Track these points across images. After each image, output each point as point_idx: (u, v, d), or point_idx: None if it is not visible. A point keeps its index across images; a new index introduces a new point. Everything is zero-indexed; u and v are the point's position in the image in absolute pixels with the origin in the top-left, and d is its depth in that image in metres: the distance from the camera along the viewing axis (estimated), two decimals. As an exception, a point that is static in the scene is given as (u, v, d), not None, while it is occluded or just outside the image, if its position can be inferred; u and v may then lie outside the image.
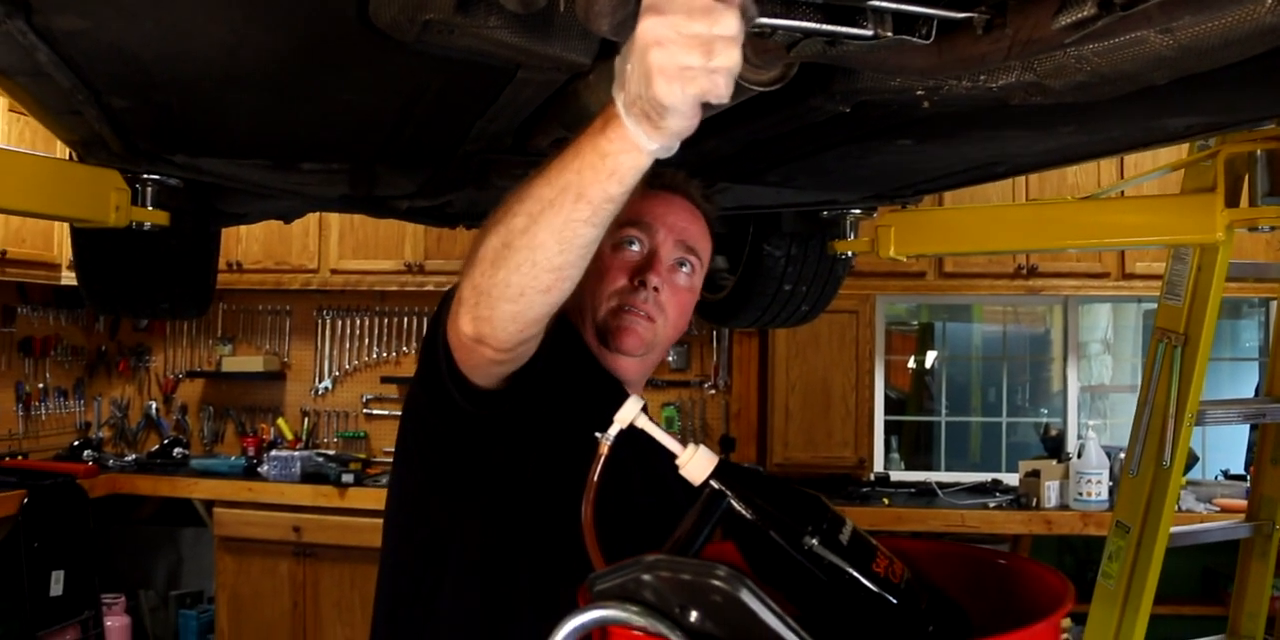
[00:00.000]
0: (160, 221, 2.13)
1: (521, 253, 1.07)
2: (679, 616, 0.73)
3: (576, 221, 1.04)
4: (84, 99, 1.45)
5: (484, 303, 1.14)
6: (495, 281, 1.11)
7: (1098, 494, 4.58)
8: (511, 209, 1.08)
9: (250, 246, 5.24)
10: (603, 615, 0.74)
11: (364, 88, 1.36)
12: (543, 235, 1.05)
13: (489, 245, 1.10)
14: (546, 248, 1.06)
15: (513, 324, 1.16)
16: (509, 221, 1.07)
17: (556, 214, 1.03)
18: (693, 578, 0.71)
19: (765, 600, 0.71)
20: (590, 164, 0.99)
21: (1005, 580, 0.96)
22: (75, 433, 5.71)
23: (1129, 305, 5.60)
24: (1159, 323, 2.53)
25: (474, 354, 1.24)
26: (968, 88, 1.35)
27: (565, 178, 1.01)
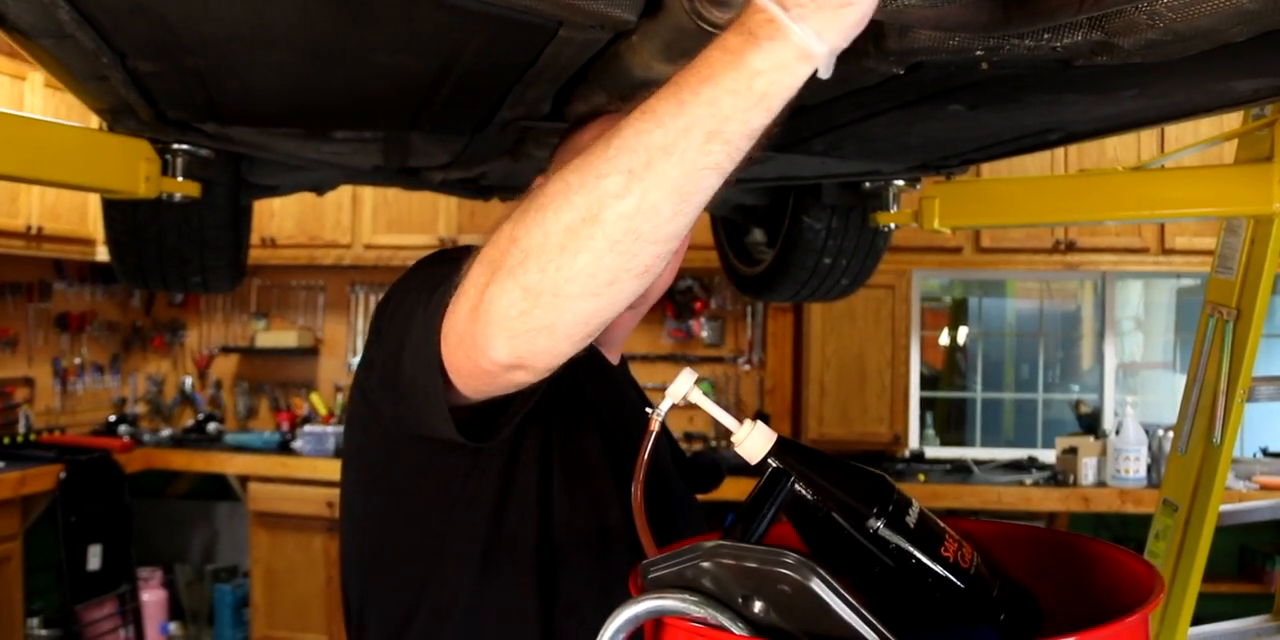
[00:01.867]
0: (191, 193, 2.09)
1: (618, 224, 0.81)
2: (741, 607, 0.68)
3: (705, 170, 0.80)
4: (109, 62, 1.41)
5: (542, 309, 0.86)
6: (571, 272, 0.84)
7: (1136, 471, 4.52)
8: (587, 172, 0.83)
9: (284, 222, 5.23)
10: (659, 605, 0.69)
11: (398, 48, 1.31)
12: (655, 194, 0.80)
13: (546, 228, 0.84)
14: (658, 211, 0.81)
15: (583, 329, 0.89)
16: (588, 188, 0.82)
17: (677, 163, 0.79)
18: (758, 565, 0.66)
19: (838, 590, 0.66)
20: (731, 88, 0.78)
21: (1080, 565, 0.90)
22: (111, 408, 5.74)
23: (1161, 282, 5.50)
24: (1210, 297, 2.45)
25: (495, 382, 0.98)
26: (1030, 47, 1.28)
27: (690, 113, 0.79)
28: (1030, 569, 0.93)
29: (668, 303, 5.34)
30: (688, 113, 0.79)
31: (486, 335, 0.91)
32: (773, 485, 0.79)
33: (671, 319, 5.36)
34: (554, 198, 0.85)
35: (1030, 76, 1.42)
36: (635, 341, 5.33)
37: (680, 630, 0.71)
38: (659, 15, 1.22)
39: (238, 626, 5.25)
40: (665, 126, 0.80)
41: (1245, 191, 2.20)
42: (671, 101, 0.81)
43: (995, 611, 0.87)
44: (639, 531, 0.83)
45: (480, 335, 0.91)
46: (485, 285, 0.90)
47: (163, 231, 2.35)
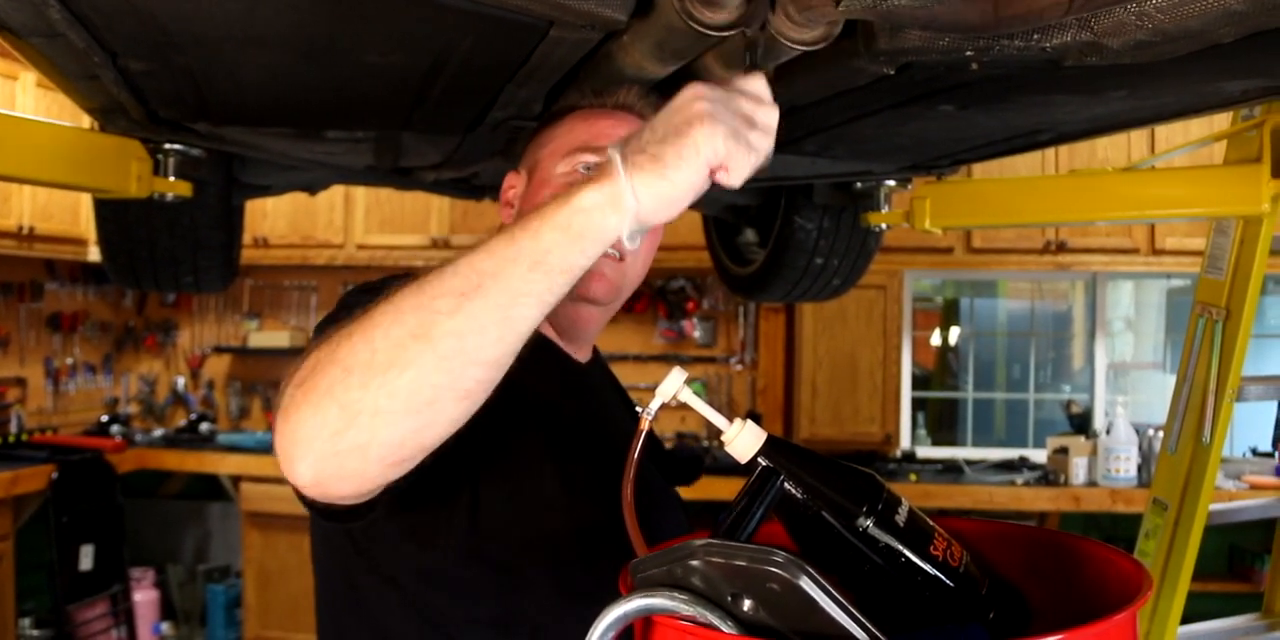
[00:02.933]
0: (183, 192, 2.10)
1: (445, 341, 0.83)
2: (730, 605, 0.68)
3: (526, 297, 0.85)
4: (100, 62, 1.41)
5: (357, 428, 0.84)
6: (394, 388, 0.83)
7: (1126, 471, 4.53)
8: (421, 295, 0.85)
9: (276, 222, 5.23)
10: (648, 603, 0.69)
11: (390, 47, 1.31)
12: (481, 316, 0.84)
13: (374, 346, 0.84)
14: (485, 332, 0.84)
15: (397, 452, 0.87)
16: (421, 307, 0.84)
17: (503, 288, 0.84)
18: (747, 564, 0.67)
19: (827, 588, 0.67)
20: (555, 223, 0.85)
21: (1069, 564, 0.91)
22: (103, 408, 5.73)
23: (1151, 283, 5.52)
24: (1199, 297, 2.46)
25: (320, 498, 0.95)
26: (1019, 48, 1.29)
27: (518, 244, 0.85)
28: (1020, 568, 0.93)
29: (660, 303, 5.34)
30: (516, 243, 0.85)
31: (291, 455, 0.87)
32: (763, 484, 0.80)
33: (664, 319, 5.37)
34: (385, 316, 0.86)
35: (1020, 77, 1.42)
36: (628, 341, 5.34)
37: (669, 629, 0.71)
38: (650, 15, 1.23)
39: (230, 627, 5.25)
40: (495, 255, 0.86)
41: (1234, 192, 2.21)
42: (505, 235, 0.87)
43: (984, 610, 0.88)
44: (630, 531, 0.83)
45: (284, 453, 0.88)
46: (295, 400, 0.87)
47: (154, 231, 2.34)
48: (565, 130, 1.37)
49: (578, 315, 1.36)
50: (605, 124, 1.35)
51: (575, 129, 1.36)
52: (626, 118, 1.37)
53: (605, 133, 1.33)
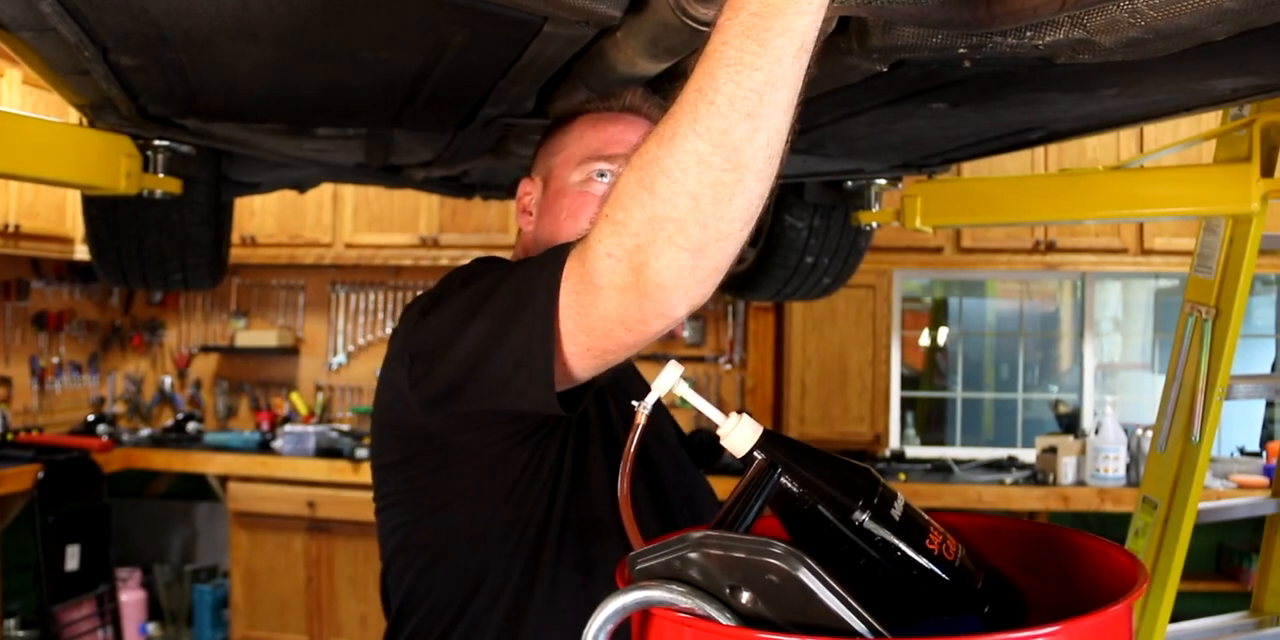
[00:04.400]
0: (172, 189, 2.09)
1: (758, 157, 0.89)
2: (729, 597, 0.68)
3: (800, 81, 0.90)
4: (91, 56, 1.40)
5: (710, 256, 0.94)
6: (732, 215, 0.91)
7: (1115, 470, 4.54)
8: (708, 133, 0.88)
9: (264, 221, 5.21)
10: (646, 595, 0.69)
11: (383, 43, 1.30)
12: (776, 120, 0.89)
13: (691, 190, 0.89)
14: (783, 132, 0.90)
15: (736, 253, 0.98)
16: (719, 142, 0.88)
17: (782, 87, 0.88)
18: (746, 556, 0.66)
19: (826, 580, 0.66)
20: (800, 8, 0.86)
21: (1063, 557, 0.91)
22: (90, 407, 5.70)
23: (1139, 283, 5.54)
24: (1189, 296, 2.47)
25: (640, 342, 1.04)
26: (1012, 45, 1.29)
27: (774, 44, 0.86)
28: (1014, 561, 0.94)
29: (650, 302, 5.33)
30: (772, 45, 0.86)
31: (665, 301, 0.97)
32: (760, 477, 0.80)
33: (653, 318, 5.35)
34: (678, 164, 0.90)
35: (1012, 74, 1.43)
36: (617, 341, 5.32)
37: (667, 621, 0.71)
38: (644, 12, 1.23)
39: (217, 627, 5.23)
40: (760, 67, 0.87)
41: (1224, 191, 2.22)
42: (750, 42, 0.87)
43: (980, 603, 0.88)
44: (625, 524, 0.83)
45: (655, 304, 0.97)
46: (640, 264, 0.94)
47: (143, 229, 2.33)
48: (575, 137, 1.39)
49: None
50: (614, 129, 1.37)
51: (585, 136, 1.38)
52: (635, 121, 1.39)
53: (616, 139, 1.36)
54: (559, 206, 1.36)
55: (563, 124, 1.43)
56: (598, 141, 1.36)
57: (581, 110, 1.41)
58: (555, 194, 1.38)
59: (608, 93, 1.41)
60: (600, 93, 1.45)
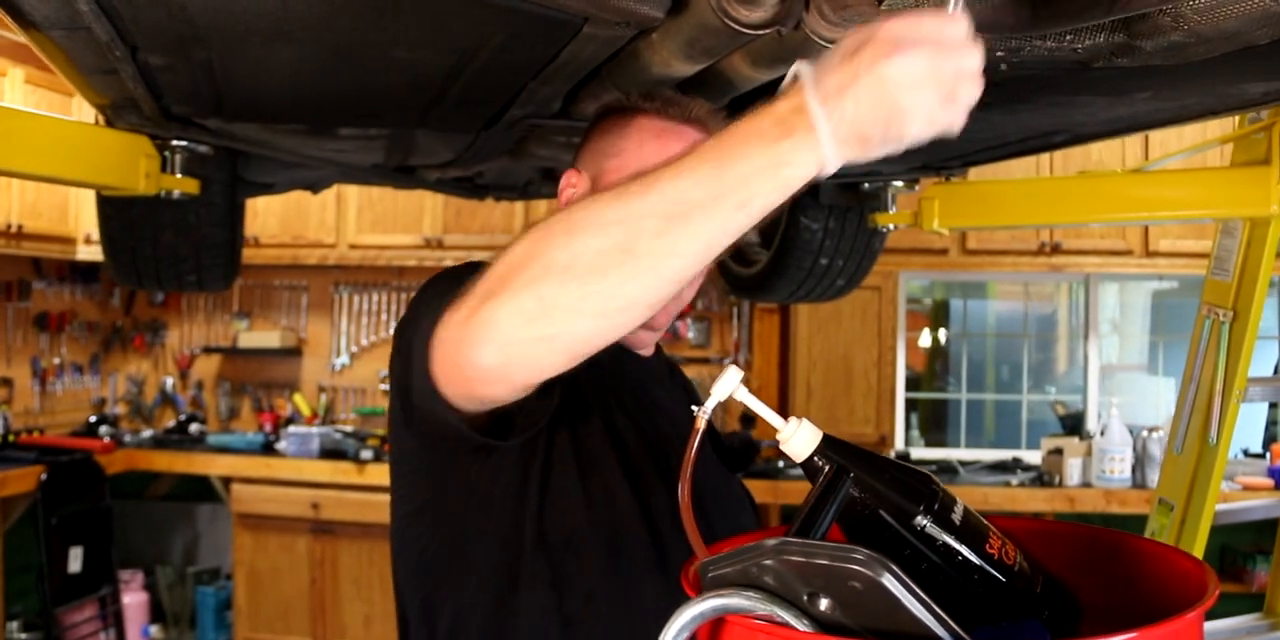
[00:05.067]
0: (190, 190, 2.08)
1: (648, 260, 0.89)
2: (806, 604, 0.68)
3: (731, 232, 0.89)
4: (121, 56, 1.39)
5: (550, 320, 0.92)
6: (591, 292, 0.90)
7: (1121, 472, 4.54)
8: (624, 212, 0.90)
9: (268, 221, 5.19)
10: (724, 603, 0.68)
11: (420, 42, 1.29)
12: (685, 244, 0.89)
13: (575, 250, 0.90)
14: (685, 257, 0.90)
15: (582, 347, 0.95)
16: (628, 224, 0.89)
17: (710, 221, 0.88)
18: (829, 562, 0.66)
19: (910, 586, 0.66)
20: (763, 169, 0.86)
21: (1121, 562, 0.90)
22: (91, 409, 5.68)
23: (1136, 285, 5.55)
24: (1206, 298, 2.47)
25: (472, 393, 1.04)
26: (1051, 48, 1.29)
27: (727, 180, 0.87)
28: (1069, 565, 0.93)
29: (654, 304, 5.33)
30: (724, 179, 0.87)
31: (479, 339, 0.95)
32: (834, 484, 0.79)
33: (658, 320, 5.35)
34: (588, 224, 0.91)
35: (1047, 77, 1.42)
36: (622, 342, 5.31)
37: (742, 628, 0.70)
38: (684, 13, 1.22)
39: (220, 629, 5.21)
40: (702, 185, 0.88)
41: (1243, 194, 2.22)
42: (710, 162, 0.89)
43: (1039, 608, 0.87)
44: (688, 531, 0.82)
45: (471, 339, 0.95)
46: (491, 293, 0.94)
47: (159, 229, 2.32)
48: (635, 144, 1.33)
49: (633, 338, 1.42)
50: (676, 148, 1.28)
51: (646, 147, 1.31)
52: (697, 137, 1.32)
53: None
54: None
55: (620, 121, 1.36)
56: (658, 157, 1.25)
57: (641, 109, 1.34)
58: None
59: (671, 97, 1.35)
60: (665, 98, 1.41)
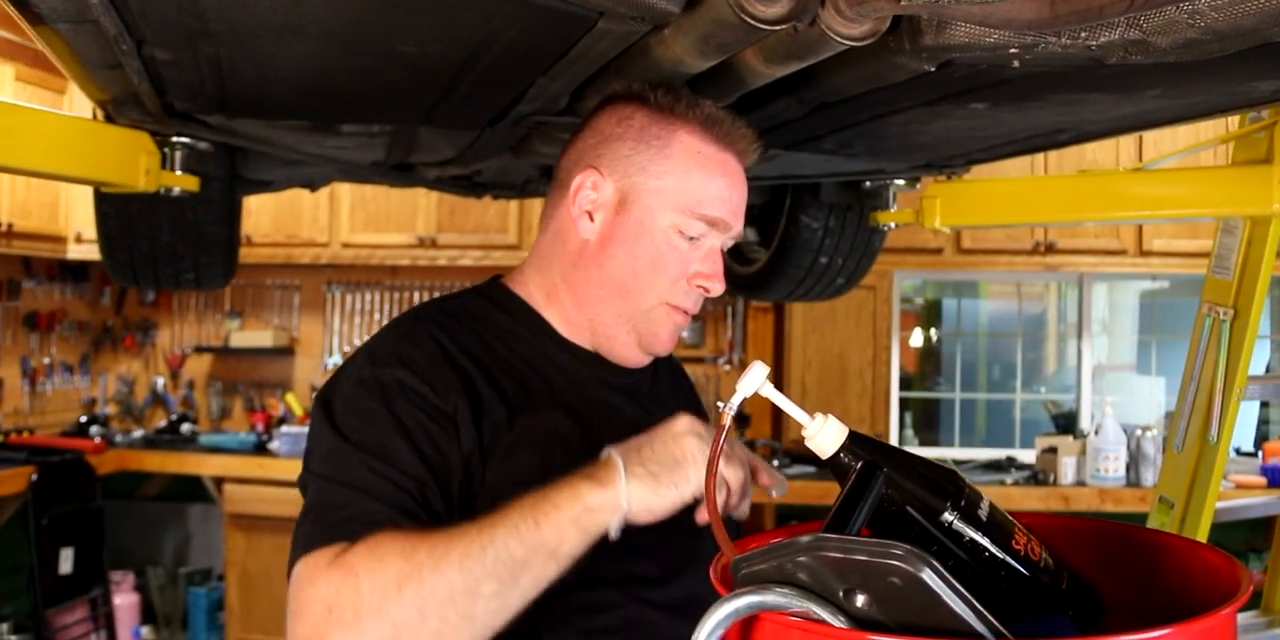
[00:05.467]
0: (190, 187, 2.07)
1: (483, 618, 1.02)
2: (842, 601, 0.67)
3: (545, 580, 1.04)
4: (127, 50, 1.38)
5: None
6: (431, 631, 1.01)
7: (1115, 471, 4.56)
8: (463, 572, 1.01)
9: (260, 220, 5.16)
10: (760, 600, 0.68)
11: (430, 37, 1.28)
12: (514, 599, 1.03)
13: (428, 595, 1.00)
14: (510, 610, 1.04)
15: None
16: (471, 589, 1.00)
17: (531, 575, 1.03)
18: (868, 558, 0.65)
19: (950, 581, 0.65)
20: (575, 519, 1.03)
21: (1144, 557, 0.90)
22: (81, 409, 5.64)
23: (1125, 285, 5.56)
24: (1206, 297, 2.48)
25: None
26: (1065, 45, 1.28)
27: (544, 534, 1.02)
28: (1093, 562, 0.93)
29: (648, 303, 5.32)
30: (541, 532, 1.03)
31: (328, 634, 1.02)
32: (866, 479, 0.78)
33: (652, 319, 5.34)
34: (436, 591, 1.01)
35: (1058, 75, 1.42)
36: (617, 342, 5.30)
37: (776, 626, 0.70)
38: (699, 8, 1.21)
39: (212, 630, 5.18)
40: (526, 543, 1.03)
41: (1245, 192, 2.23)
42: (532, 523, 1.04)
43: (1065, 603, 0.87)
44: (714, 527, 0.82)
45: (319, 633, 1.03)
46: (342, 621, 1.01)
47: (157, 227, 2.31)
48: (679, 169, 1.30)
49: (626, 355, 1.38)
50: (722, 184, 1.32)
51: (691, 176, 1.30)
52: (738, 170, 1.35)
53: (722, 198, 1.32)
54: (640, 245, 1.30)
55: (657, 129, 1.32)
56: (704, 193, 1.30)
57: (679, 116, 1.32)
58: (637, 224, 1.30)
59: (714, 115, 1.33)
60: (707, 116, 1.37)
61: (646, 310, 1.32)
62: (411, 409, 1.17)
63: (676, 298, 1.32)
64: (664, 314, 1.33)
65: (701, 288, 1.32)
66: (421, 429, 1.16)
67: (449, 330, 1.28)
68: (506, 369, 1.29)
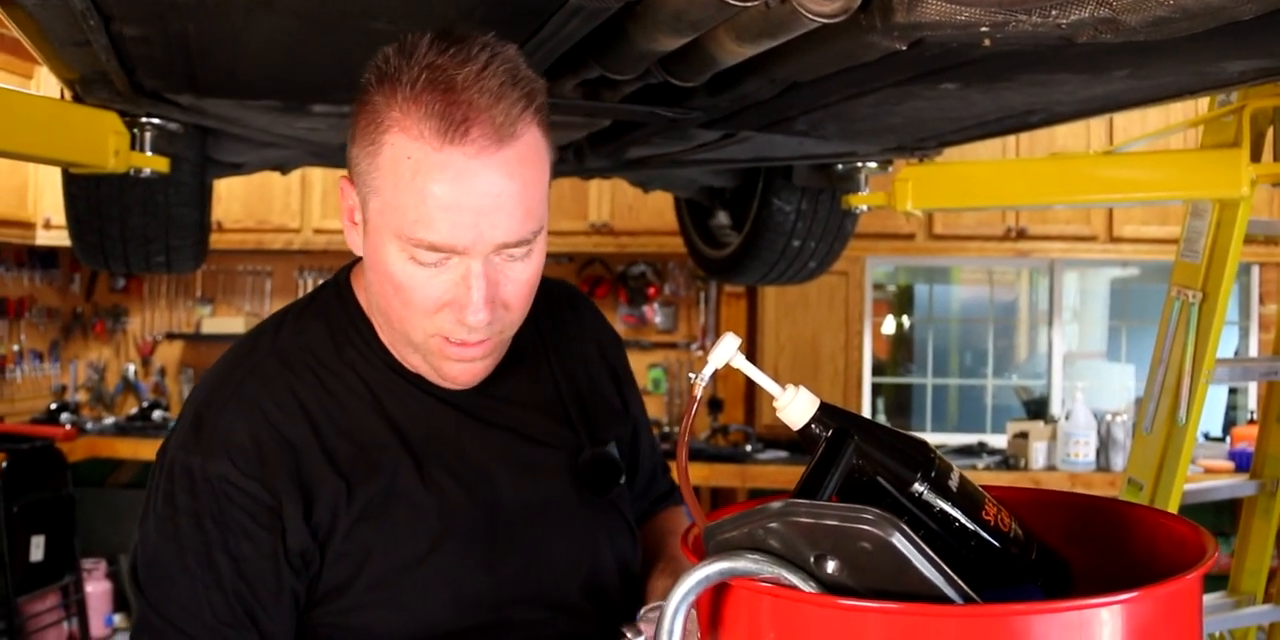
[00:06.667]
0: (160, 168, 2.05)
1: None
2: (813, 567, 0.67)
3: None
4: (95, 26, 1.36)
5: None
6: None
7: (1085, 455, 4.61)
8: None
9: (231, 206, 5.13)
10: (730, 566, 0.68)
11: (401, 14, 1.28)
12: None
13: None
14: None
15: None
16: None
17: None
18: (838, 523, 0.65)
19: (920, 545, 0.66)
20: None
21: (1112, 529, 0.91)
22: (51, 396, 5.60)
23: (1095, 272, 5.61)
24: (1175, 280, 2.50)
25: None
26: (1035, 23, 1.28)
27: None
28: (1062, 533, 0.93)
29: (621, 288, 5.33)
30: None
31: None
32: (836, 447, 0.79)
33: (625, 305, 5.36)
34: None
35: (1028, 54, 1.43)
36: (591, 327, 5.31)
37: (747, 592, 0.70)
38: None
39: (184, 617, 5.16)
40: None
41: (1214, 176, 2.25)
42: None
43: (1035, 573, 0.88)
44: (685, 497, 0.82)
45: None
46: None
47: (127, 209, 2.29)
48: (388, 181, 1.01)
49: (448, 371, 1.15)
50: (440, 197, 0.99)
51: (399, 190, 1.00)
52: (472, 171, 0.99)
53: (442, 217, 1.00)
54: (381, 273, 1.06)
55: (372, 129, 1.02)
56: (417, 213, 1.00)
57: (400, 103, 0.99)
58: (375, 249, 1.06)
59: (441, 97, 0.98)
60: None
61: (420, 343, 1.10)
62: (226, 521, 1.06)
63: (446, 329, 1.07)
64: (438, 347, 1.09)
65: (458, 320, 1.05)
66: (230, 559, 1.06)
67: (281, 390, 1.12)
68: (345, 424, 1.13)
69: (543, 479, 1.20)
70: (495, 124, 0.98)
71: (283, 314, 1.22)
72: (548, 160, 1.07)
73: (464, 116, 0.97)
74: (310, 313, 1.20)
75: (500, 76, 0.99)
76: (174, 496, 1.08)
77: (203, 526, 1.06)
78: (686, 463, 0.84)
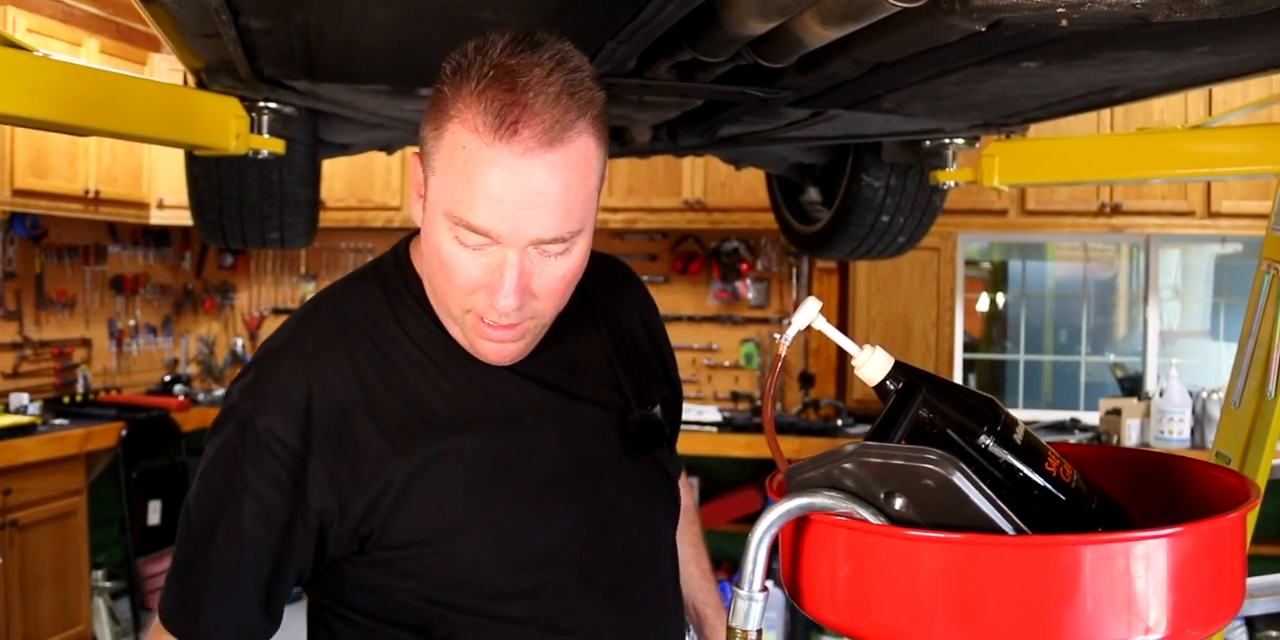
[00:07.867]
0: (276, 150, 2.18)
1: None
2: (883, 503, 0.75)
3: None
4: (225, 20, 1.48)
5: None
6: None
7: (1179, 432, 4.55)
8: None
9: (333, 184, 5.29)
10: (809, 501, 0.77)
11: (505, 2, 1.37)
12: None
13: None
14: None
15: None
16: None
17: None
18: (904, 462, 0.73)
19: (977, 482, 0.73)
20: None
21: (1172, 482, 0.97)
22: (165, 368, 5.87)
23: (1199, 249, 5.50)
24: (1266, 254, 2.48)
25: None
26: (1111, 4, 1.33)
27: None
28: (1125, 487, 1.00)
29: (714, 264, 5.40)
30: None
31: None
32: (905, 399, 0.86)
33: (718, 280, 5.43)
34: None
35: (1106, 33, 1.46)
36: (682, 303, 5.40)
37: (824, 525, 0.78)
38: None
39: (292, 580, 5.37)
40: None
41: (1304, 149, 2.23)
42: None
43: (1094, 522, 0.94)
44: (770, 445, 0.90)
45: None
46: None
47: (245, 188, 2.43)
48: (445, 164, 1.10)
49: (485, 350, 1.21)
50: (487, 186, 1.07)
51: (451, 174, 1.09)
52: (521, 168, 1.06)
53: (487, 205, 1.07)
54: (431, 245, 1.15)
55: (439, 116, 1.11)
56: (464, 194, 1.08)
57: (464, 95, 1.08)
58: (430, 222, 1.14)
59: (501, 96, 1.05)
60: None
61: (459, 317, 1.18)
62: (259, 469, 1.16)
63: (481, 309, 1.14)
64: (474, 324, 1.17)
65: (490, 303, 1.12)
66: (255, 501, 1.16)
67: (337, 350, 1.21)
68: (397, 385, 1.20)
69: (592, 438, 1.28)
70: (545, 127, 1.05)
71: (347, 280, 1.33)
72: (597, 168, 1.13)
73: (517, 117, 1.04)
74: (370, 279, 1.29)
75: (560, 84, 1.06)
76: (227, 438, 1.20)
77: (240, 468, 1.17)
78: (771, 414, 0.92)
